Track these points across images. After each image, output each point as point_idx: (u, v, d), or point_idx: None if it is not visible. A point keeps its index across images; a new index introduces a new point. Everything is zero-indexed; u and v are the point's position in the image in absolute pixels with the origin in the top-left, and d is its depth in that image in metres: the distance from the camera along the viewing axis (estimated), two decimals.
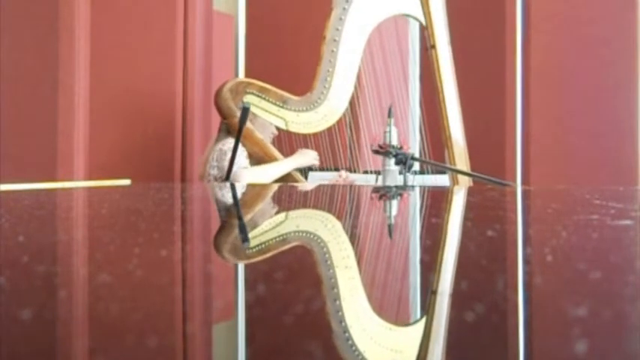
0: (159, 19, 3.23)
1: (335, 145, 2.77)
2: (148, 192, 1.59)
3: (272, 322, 0.34)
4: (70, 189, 2.18)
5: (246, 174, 2.53)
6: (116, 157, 3.18)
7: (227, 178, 2.43)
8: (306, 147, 2.73)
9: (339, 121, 2.73)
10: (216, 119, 3.20)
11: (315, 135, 2.72)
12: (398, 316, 0.39)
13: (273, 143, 2.73)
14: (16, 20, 3.13)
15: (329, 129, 2.72)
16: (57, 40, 3.09)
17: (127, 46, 3.21)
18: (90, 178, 3.08)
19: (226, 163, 2.52)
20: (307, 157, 2.69)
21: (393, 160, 2.39)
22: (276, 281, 0.45)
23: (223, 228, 0.85)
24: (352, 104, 2.74)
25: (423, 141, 2.76)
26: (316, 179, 2.78)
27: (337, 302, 0.40)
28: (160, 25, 3.23)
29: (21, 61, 3.12)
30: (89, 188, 2.16)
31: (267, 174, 2.59)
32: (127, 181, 2.41)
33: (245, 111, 2.34)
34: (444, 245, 0.68)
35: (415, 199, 1.48)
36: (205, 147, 3.15)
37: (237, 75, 3.68)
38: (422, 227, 0.87)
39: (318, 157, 2.71)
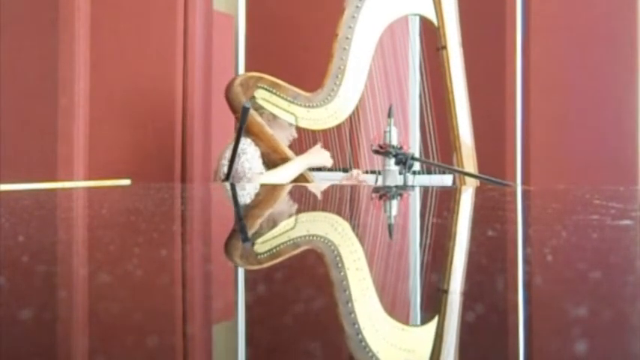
0: (159, 19, 3.23)
1: (344, 144, 2.77)
2: (148, 192, 1.59)
3: (282, 323, 0.34)
4: (70, 189, 2.17)
5: (262, 180, 2.52)
6: (116, 157, 3.18)
7: (227, 178, 2.42)
8: (314, 145, 2.71)
9: (347, 120, 2.72)
10: (216, 119, 3.21)
11: (323, 133, 2.72)
12: (410, 317, 0.40)
13: (290, 146, 2.71)
14: (16, 20, 3.12)
15: (338, 127, 2.72)
16: (57, 40, 3.09)
17: (127, 45, 3.21)
18: (90, 178, 3.08)
19: (244, 168, 2.50)
20: (320, 156, 2.67)
21: (393, 160, 2.39)
22: (285, 282, 0.45)
23: (224, 229, 0.85)
24: (358, 103, 2.74)
25: (430, 141, 2.76)
26: (320, 179, 2.77)
27: (349, 304, 0.40)
28: (160, 25, 3.23)
29: (21, 61, 3.12)
30: (89, 188, 2.16)
31: (282, 177, 2.58)
32: (127, 181, 2.41)
33: (245, 111, 2.34)
34: (449, 246, 0.68)
35: (416, 199, 1.48)
36: (209, 146, 3.15)
37: (237, 75, 3.68)
38: (425, 228, 0.87)
39: (331, 158, 2.69)
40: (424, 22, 2.83)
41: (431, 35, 2.83)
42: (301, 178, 2.65)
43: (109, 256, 0.54)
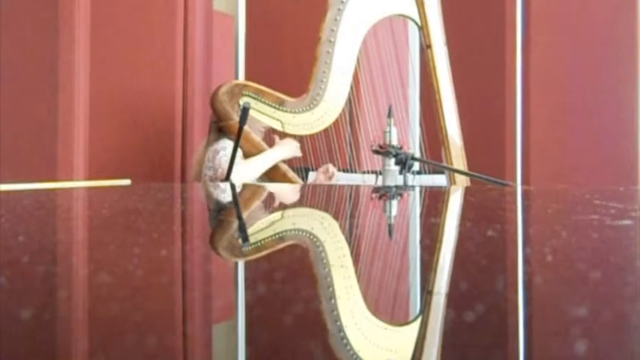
0: (159, 19, 3.23)
1: (332, 146, 2.77)
2: (148, 192, 1.59)
3: (269, 322, 0.34)
4: (70, 189, 2.17)
5: (239, 168, 2.50)
6: (116, 157, 3.18)
7: (227, 178, 2.42)
8: (303, 148, 2.72)
9: (335, 122, 2.73)
10: None
11: (311, 136, 2.72)
12: (394, 316, 0.39)
13: (265, 140, 2.72)
14: (16, 20, 3.12)
15: (325, 130, 2.72)
16: (57, 40, 3.09)
17: (127, 46, 3.21)
18: (90, 178, 3.08)
19: (220, 163, 2.51)
20: (289, 147, 2.68)
21: (393, 160, 2.39)
22: (273, 281, 0.45)
23: (222, 228, 0.85)
24: (351, 104, 2.74)
25: (421, 140, 2.76)
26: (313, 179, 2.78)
27: (333, 301, 0.40)
28: (160, 25, 3.22)
29: (21, 61, 3.12)
30: (89, 188, 2.16)
31: (255, 166, 2.59)
32: (127, 181, 2.41)
33: (245, 111, 2.34)
34: (442, 245, 0.68)
35: (415, 199, 1.48)
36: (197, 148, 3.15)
37: (237, 75, 3.68)
38: (421, 227, 0.87)
39: (299, 147, 2.70)
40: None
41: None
42: (287, 180, 2.65)
43: (109, 256, 0.54)
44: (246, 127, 2.61)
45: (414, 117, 3.13)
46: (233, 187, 2.06)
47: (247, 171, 2.56)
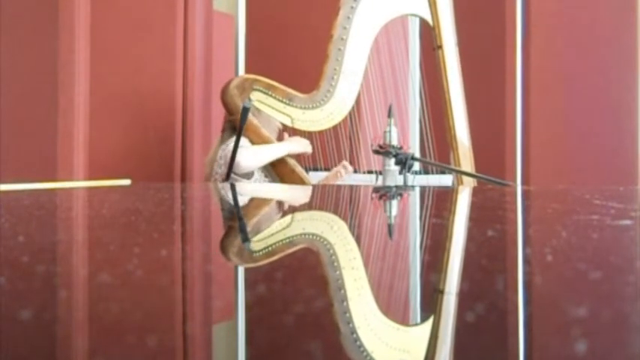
0: (159, 19, 3.23)
1: (340, 144, 2.77)
2: (148, 192, 1.59)
3: (279, 322, 0.34)
4: (70, 189, 2.17)
5: (245, 152, 2.49)
6: (116, 157, 3.18)
7: (227, 177, 2.42)
8: (311, 145, 2.72)
9: (344, 120, 2.72)
10: (216, 119, 3.21)
11: (320, 133, 2.72)
12: (405, 317, 0.40)
13: (279, 139, 2.72)
14: (16, 20, 3.12)
15: (334, 128, 2.72)
16: (57, 40, 3.09)
17: (127, 46, 3.20)
18: (90, 178, 3.07)
19: (226, 152, 2.51)
20: (300, 143, 2.68)
21: (393, 160, 2.39)
22: (283, 282, 0.45)
23: (224, 228, 0.85)
24: (356, 103, 2.74)
25: (427, 141, 2.76)
26: (319, 178, 2.78)
27: (345, 303, 0.40)
28: (160, 25, 3.22)
29: (21, 61, 3.12)
30: (89, 188, 2.16)
31: (263, 152, 2.59)
32: (127, 181, 2.41)
33: (245, 111, 2.34)
34: (447, 246, 0.68)
35: (416, 199, 1.48)
36: (209, 146, 3.15)
37: (237, 75, 3.68)
38: (424, 228, 0.87)
39: (310, 146, 2.70)
40: (424, 21, 2.84)
41: (430, 34, 2.83)
42: (297, 179, 2.65)
43: (109, 256, 0.54)
44: (255, 122, 2.61)
45: (414, 117, 3.13)
46: (234, 187, 2.06)
47: (254, 155, 2.54)
